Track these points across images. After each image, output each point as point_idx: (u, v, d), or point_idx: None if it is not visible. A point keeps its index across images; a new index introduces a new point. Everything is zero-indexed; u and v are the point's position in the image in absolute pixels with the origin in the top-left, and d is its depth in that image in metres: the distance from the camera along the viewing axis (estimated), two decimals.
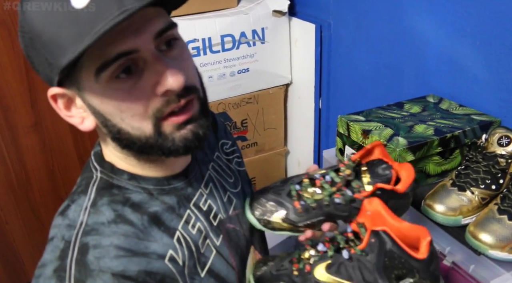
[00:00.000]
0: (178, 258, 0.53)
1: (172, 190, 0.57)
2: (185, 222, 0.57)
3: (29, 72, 1.54)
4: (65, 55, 0.44)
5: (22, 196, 1.68)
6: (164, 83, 0.47)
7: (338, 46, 1.62)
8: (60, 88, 0.49)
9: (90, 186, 0.54)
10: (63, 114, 0.51)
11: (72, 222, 0.51)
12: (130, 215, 0.52)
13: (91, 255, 0.47)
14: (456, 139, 0.94)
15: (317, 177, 0.62)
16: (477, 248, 0.75)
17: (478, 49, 1.04)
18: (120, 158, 0.55)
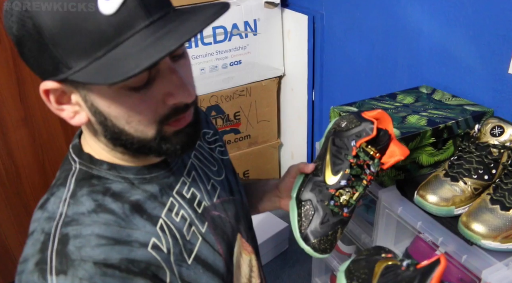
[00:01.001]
0: (162, 246, 0.53)
1: (154, 179, 0.57)
2: (168, 210, 0.56)
3: (17, 66, 1.51)
4: (80, 58, 0.43)
5: (12, 192, 1.67)
6: (177, 96, 0.48)
7: (331, 37, 1.61)
8: (56, 82, 0.47)
9: (69, 178, 0.53)
10: (53, 107, 0.50)
11: (52, 214, 0.50)
12: (110, 204, 0.51)
13: (71, 245, 0.47)
14: (449, 130, 0.94)
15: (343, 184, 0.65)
16: (470, 238, 0.75)
17: (471, 40, 1.03)
18: (102, 147, 0.54)
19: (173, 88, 0.48)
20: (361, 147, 0.64)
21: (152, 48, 0.41)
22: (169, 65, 0.48)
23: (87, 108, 0.49)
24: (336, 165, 0.66)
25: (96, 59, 0.43)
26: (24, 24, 0.44)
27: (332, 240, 0.66)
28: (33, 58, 0.46)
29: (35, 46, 0.44)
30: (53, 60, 0.44)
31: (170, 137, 0.51)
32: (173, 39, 0.41)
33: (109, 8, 0.42)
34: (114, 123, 0.49)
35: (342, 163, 0.65)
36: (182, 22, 0.43)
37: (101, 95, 0.46)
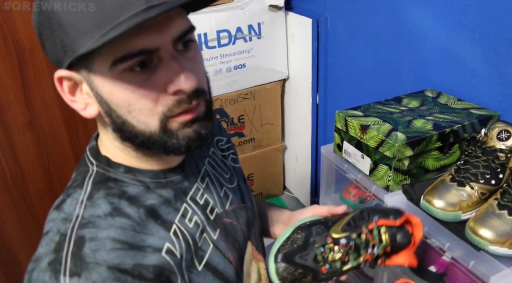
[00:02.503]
0: (176, 251, 0.53)
1: (169, 184, 0.57)
2: (182, 216, 0.56)
3: (22, 70, 1.52)
4: (84, 41, 0.44)
5: (18, 196, 1.67)
6: (177, 82, 0.48)
7: (335, 40, 1.61)
8: (68, 70, 0.48)
9: (86, 180, 0.54)
10: (66, 98, 0.51)
11: (68, 215, 0.50)
12: (126, 208, 0.52)
13: (87, 248, 0.47)
14: (455, 134, 0.93)
15: (343, 243, 0.64)
16: (477, 243, 0.75)
17: (476, 43, 1.03)
18: (119, 148, 0.54)
19: (173, 75, 0.48)
20: (379, 227, 0.64)
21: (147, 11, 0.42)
22: (171, 52, 0.48)
23: (94, 97, 0.50)
24: (348, 226, 0.65)
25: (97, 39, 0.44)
26: (41, 12, 0.47)
27: (296, 278, 0.64)
28: (49, 48, 0.48)
29: (48, 33, 0.46)
30: (61, 45, 0.46)
31: (175, 131, 0.50)
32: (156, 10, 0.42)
33: None
34: (117, 113, 0.49)
35: (354, 228, 0.64)
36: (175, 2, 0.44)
37: (103, 80, 0.47)
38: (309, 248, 0.64)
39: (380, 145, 0.92)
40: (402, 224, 0.65)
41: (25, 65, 1.51)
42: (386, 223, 0.64)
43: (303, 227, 0.66)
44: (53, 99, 1.61)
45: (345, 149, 1.05)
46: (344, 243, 0.63)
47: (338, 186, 1.25)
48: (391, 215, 0.65)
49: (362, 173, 1.01)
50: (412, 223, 0.66)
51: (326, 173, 1.21)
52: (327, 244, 0.63)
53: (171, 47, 0.48)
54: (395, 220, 0.64)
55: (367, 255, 0.63)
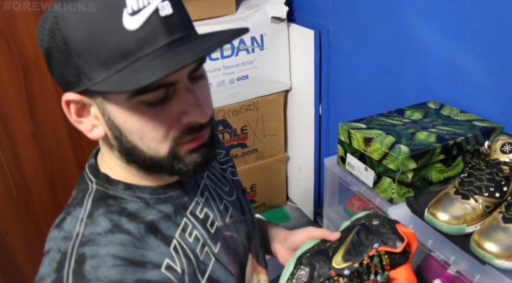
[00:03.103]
0: (176, 266, 0.53)
1: (168, 199, 0.57)
2: (182, 230, 0.56)
3: (27, 82, 1.53)
4: (103, 70, 0.45)
5: (21, 207, 1.67)
6: (192, 115, 0.49)
7: (337, 51, 1.62)
8: (78, 94, 0.49)
9: (86, 198, 0.54)
10: (72, 119, 0.51)
11: (68, 234, 0.50)
12: (126, 225, 0.52)
13: (88, 265, 0.47)
14: (459, 146, 0.93)
15: (346, 274, 0.64)
16: (482, 257, 0.74)
17: (479, 55, 1.04)
18: (121, 167, 0.55)
19: (189, 107, 0.49)
20: (379, 253, 0.65)
21: (170, 61, 0.42)
22: (186, 84, 0.49)
23: (105, 122, 0.50)
24: (349, 254, 0.65)
25: (117, 72, 0.45)
26: (54, 36, 0.46)
27: None
28: (58, 69, 0.48)
29: (61, 57, 0.46)
30: (76, 71, 0.46)
31: (183, 157, 0.51)
32: (189, 54, 0.42)
33: (133, 24, 0.44)
34: (128, 138, 0.50)
35: (356, 256, 0.65)
36: (202, 41, 0.45)
37: (118, 109, 0.48)
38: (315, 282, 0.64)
39: (384, 157, 0.92)
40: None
41: (30, 77, 1.53)
42: (387, 249, 0.65)
43: (305, 259, 0.66)
44: (57, 111, 1.62)
45: (349, 162, 1.05)
46: (347, 274, 0.64)
47: (341, 198, 1.25)
48: (390, 242, 0.65)
49: (365, 185, 1.01)
50: (407, 235, 0.67)
51: (329, 185, 1.21)
52: (331, 278, 0.64)
53: (187, 79, 0.49)
54: (396, 248, 0.65)
55: (370, 281, 0.64)
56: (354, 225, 0.69)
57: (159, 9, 0.45)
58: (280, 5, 1.72)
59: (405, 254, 0.66)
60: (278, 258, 0.76)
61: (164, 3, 0.45)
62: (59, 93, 1.59)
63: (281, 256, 0.76)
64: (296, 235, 0.72)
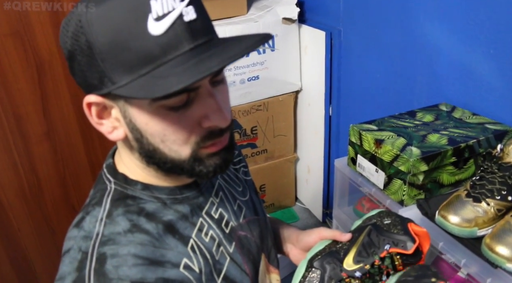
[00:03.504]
0: (194, 266, 0.54)
1: (185, 199, 0.58)
2: (198, 230, 0.57)
3: (41, 81, 1.55)
4: (127, 74, 0.45)
5: (34, 204, 1.70)
6: (213, 119, 0.49)
7: (348, 53, 1.62)
8: (100, 97, 0.49)
9: (104, 198, 0.55)
10: (93, 121, 0.52)
11: (88, 233, 0.51)
12: (145, 225, 0.52)
13: (109, 265, 0.47)
14: (470, 149, 0.93)
15: (358, 275, 0.64)
16: (494, 261, 0.74)
17: (492, 57, 1.03)
18: (140, 167, 0.55)
19: (210, 111, 0.49)
20: (391, 254, 0.65)
21: (195, 68, 0.43)
22: (208, 89, 0.49)
23: (126, 124, 0.50)
24: (360, 256, 0.65)
25: (140, 76, 0.45)
26: (78, 39, 0.46)
27: None
28: (81, 72, 0.49)
29: (85, 60, 0.47)
30: (99, 75, 0.47)
31: (203, 159, 0.52)
32: (215, 61, 0.43)
33: (158, 29, 0.44)
34: (149, 141, 0.50)
35: (367, 257, 0.65)
36: (225, 47, 0.45)
37: (140, 112, 0.48)
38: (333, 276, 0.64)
39: (395, 159, 0.92)
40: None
41: (44, 77, 1.55)
42: (398, 251, 0.64)
43: (316, 261, 0.66)
44: (70, 110, 1.64)
45: (359, 163, 1.05)
46: (358, 276, 0.64)
47: (351, 199, 1.25)
48: (401, 243, 0.65)
49: (376, 187, 1.01)
50: (419, 235, 0.67)
51: (339, 186, 1.21)
52: (343, 280, 0.64)
53: (209, 83, 0.50)
54: (407, 250, 0.64)
55: (382, 282, 0.64)
56: (365, 225, 0.69)
57: (183, 15, 0.45)
58: (292, 6, 1.73)
59: (417, 254, 0.65)
60: (291, 258, 0.77)
61: (188, 8, 0.46)
62: (72, 92, 1.61)
63: (293, 256, 0.76)
64: (308, 235, 0.73)
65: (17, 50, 1.47)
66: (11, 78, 1.49)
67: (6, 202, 1.63)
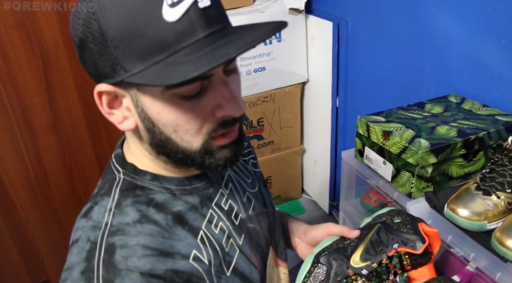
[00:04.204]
0: (203, 258, 0.53)
1: (194, 190, 0.57)
2: (208, 222, 0.57)
3: (47, 73, 1.55)
4: (140, 62, 0.44)
5: (41, 196, 1.71)
6: (227, 108, 0.49)
7: (356, 44, 1.60)
8: (111, 85, 0.48)
9: (113, 188, 0.54)
10: (104, 111, 0.51)
11: (97, 223, 0.50)
12: (154, 215, 0.52)
13: (118, 255, 0.47)
14: (480, 141, 0.91)
15: (364, 273, 0.63)
16: (504, 255, 0.73)
17: (504, 48, 1.01)
18: (149, 158, 0.55)
19: (224, 100, 0.48)
20: (399, 253, 0.64)
21: (211, 55, 0.42)
22: (221, 77, 0.48)
23: (137, 114, 0.50)
24: (367, 254, 0.64)
25: (154, 64, 0.44)
26: (90, 26, 0.45)
27: None
28: (92, 60, 0.47)
29: (97, 48, 0.46)
30: (112, 62, 0.46)
31: (214, 152, 0.51)
32: (231, 48, 0.42)
33: (172, 16, 0.43)
34: (161, 130, 0.49)
35: (375, 256, 0.64)
36: (240, 35, 0.44)
37: (153, 101, 0.47)
38: (332, 281, 0.64)
39: (403, 151, 0.91)
40: None
41: (49, 68, 1.55)
42: (407, 251, 0.63)
43: (322, 257, 0.65)
44: (76, 101, 1.64)
45: (367, 155, 1.04)
46: (365, 273, 0.63)
47: (358, 191, 1.24)
48: (410, 243, 0.64)
49: (384, 179, 1.00)
50: (430, 235, 0.65)
51: (346, 178, 1.20)
52: (349, 277, 0.63)
53: (222, 72, 0.49)
54: (416, 249, 0.63)
55: (389, 281, 0.63)
56: (375, 223, 0.68)
57: (198, 1, 0.44)
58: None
59: (427, 254, 0.64)
60: (298, 252, 0.76)
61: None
62: (78, 84, 1.61)
63: (301, 250, 0.75)
64: (316, 230, 0.72)
65: (22, 42, 1.47)
66: (16, 70, 1.49)
67: (13, 194, 1.64)
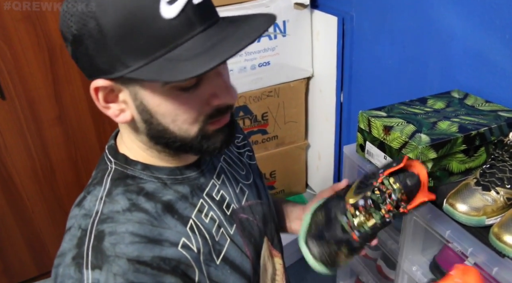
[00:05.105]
0: (192, 245, 0.55)
1: (185, 180, 0.58)
2: (198, 211, 0.58)
3: (53, 66, 1.57)
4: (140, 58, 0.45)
5: (47, 187, 1.73)
6: (222, 97, 0.51)
7: (360, 39, 1.59)
8: (108, 80, 0.49)
9: (105, 177, 0.56)
10: (100, 105, 0.52)
11: (88, 211, 0.52)
12: (144, 204, 0.53)
13: (107, 242, 0.49)
14: (482, 137, 0.91)
15: (361, 204, 0.65)
16: (502, 250, 0.73)
17: (507, 43, 1.00)
18: (142, 148, 0.56)
19: (219, 90, 0.51)
20: (388, 178, 0.65)
21: (213, 52, 0.44)
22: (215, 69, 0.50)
23: (135, 107, 0.51)
24: (359, 189, 0.66)
25: (154, 59, 0.46)
26: (86, 23, 0.46)
27: (333, 256, 0.65)
28: (86, 57, 0.48)
29: (94, 45, 0.46)
30: (111, 59, 0.46)
31: (210, 136, 0.53)
32: (229, 46, 0.44)
33: (170, 13, 0.45)
34: (159, 121, 0.51)
35: (366, 187, 0.65)
36: (235, 30, 0.46)
37: (153, 94, 0.49)
38: (333, 221, 0.66)
39: (404, 146, 0.91)
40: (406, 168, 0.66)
41: (55, 61, 1.56)
42: (392, 170, 0.65)
43: (319, 208, 0.67)
44: (81, 94, 1.66)
45: (368, 150, 1.04)
46: (362, 204, 0.64)
47: None
48: (393, 163, 0.66)
49: None
50: (413, 165, 0.67)
51: (348, 173, 1.21)
52: (347, 211, 0.65)
53: None
54: (399, 165, 0.65)
55: (387, 205, 0.64)
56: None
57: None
58: None
59: (414, 176, 0.65)
60: None
61: None
62: (83, 77, 1.62)
63: None
64: (311, 202, 0.76)
65: (28, 34, 1.48)
66: (23, 62, 1.51)
67: (20, 184, 1.67)
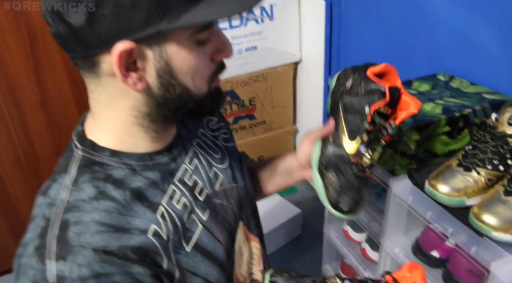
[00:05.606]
0: (162, 233, 0.53)
1: (156, 166, 0.56)
2: (169, 197, 0.56)
3: (34, 50, 1.53)
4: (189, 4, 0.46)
5: (30, 173, 1.71)
6: (226, 51, 0.54)
7: (348, 23, 1.58)
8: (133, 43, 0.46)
9: (71, 165, 0.53)
10: (121, 74, 0.48)
11: (53, 200, 0.50)
12: (112, 192, 0.51)
13: (71, 231, 0.47)
14: (465, 119, 0.91)
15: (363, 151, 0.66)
16: (480, 229, 0.73)
17: (493, 26, 0.99)
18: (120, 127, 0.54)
19: (222, 45, 0.53)
20: (375, 112, 0.65)
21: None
22: (215, 27, 0.52)
23: (155, 71, 0.49)
24: (352, 132, 0.66)
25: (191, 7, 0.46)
26: None
27: (359, 201, 0.68)
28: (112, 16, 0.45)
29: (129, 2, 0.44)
30: (149, 11, 0.44)
31: (213, 94, 0.56)
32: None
33: None
34: (180, 80, 0.51)
35: (359, 129, 0.66)
36: None
37: (179, 49, 0.49)
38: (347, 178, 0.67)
39: None
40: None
41: (36, 45, 1.53)
42: (378, 106, 0.65)
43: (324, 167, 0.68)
44: (64, 79, 1.62)
45: None
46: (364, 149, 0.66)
47: None
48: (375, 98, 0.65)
49: None
50: (385, 73, 0.69)
51: None
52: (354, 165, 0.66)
53: None
54: (385, 99, 0.64)
55: (386, 137, 0.66)
56: (336, 102, 0.71)
57: None
58: None
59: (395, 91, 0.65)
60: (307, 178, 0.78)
61: None
62: (66, 61, 1.59)
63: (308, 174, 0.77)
64: (301, 148, 0.76)
65: (6, 17, 1.44)
66: (2, 47, 1.48)
67: (2, 172, 1.64)
